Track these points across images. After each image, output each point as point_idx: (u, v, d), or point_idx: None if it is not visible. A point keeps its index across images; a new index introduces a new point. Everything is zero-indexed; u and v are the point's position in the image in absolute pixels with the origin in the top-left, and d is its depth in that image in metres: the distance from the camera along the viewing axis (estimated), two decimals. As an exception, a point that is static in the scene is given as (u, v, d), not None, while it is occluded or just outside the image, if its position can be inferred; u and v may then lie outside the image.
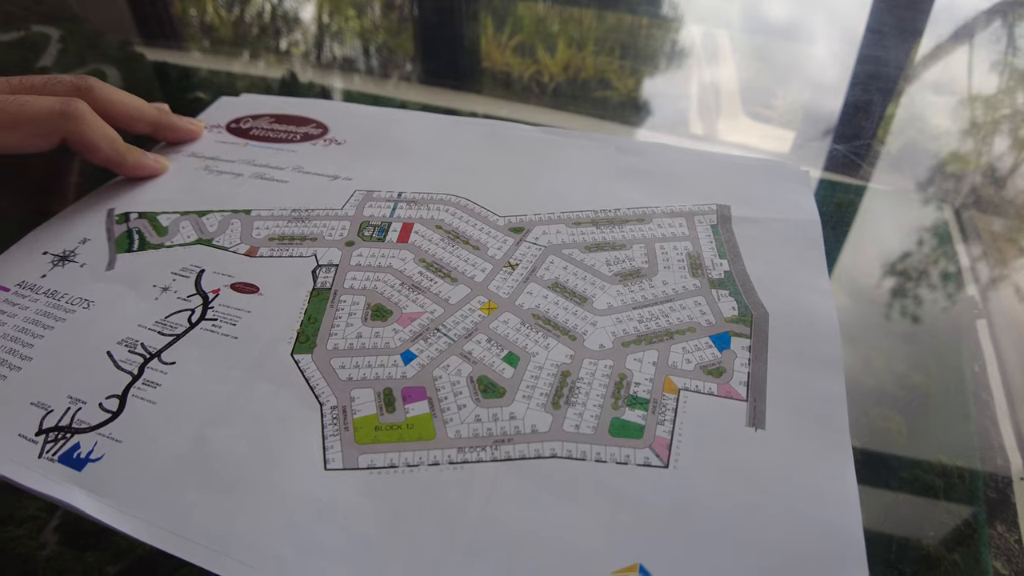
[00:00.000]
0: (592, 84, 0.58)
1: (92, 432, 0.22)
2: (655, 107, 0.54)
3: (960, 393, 0.28)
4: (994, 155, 0.47)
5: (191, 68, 0.68)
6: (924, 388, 0.28)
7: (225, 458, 0.21)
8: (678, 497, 0.20)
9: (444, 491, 0.20)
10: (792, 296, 0.26)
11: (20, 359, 0.25)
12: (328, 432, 0.22)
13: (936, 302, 0.33)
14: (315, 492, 0.20)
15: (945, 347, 0.31)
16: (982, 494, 0.24)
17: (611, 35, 0.68)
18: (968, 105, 0.54)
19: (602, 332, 0.25)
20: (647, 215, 0.30)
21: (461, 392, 0.23)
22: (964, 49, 0.63)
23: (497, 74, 0.61)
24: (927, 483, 0.25)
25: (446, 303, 0.26)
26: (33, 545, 0.23)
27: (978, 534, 0.23)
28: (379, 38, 0.67)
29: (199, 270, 0.28)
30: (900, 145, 0.48)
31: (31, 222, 0.33)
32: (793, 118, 0.52)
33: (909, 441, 0.26)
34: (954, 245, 0.36)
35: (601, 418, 0.22)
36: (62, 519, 0.23)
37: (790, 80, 0.59)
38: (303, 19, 0.75)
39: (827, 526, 0.19)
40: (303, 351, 0.25)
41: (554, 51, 0.64)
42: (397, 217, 0.30)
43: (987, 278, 0.35)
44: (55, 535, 0.24)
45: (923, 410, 0.27)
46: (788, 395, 0.23)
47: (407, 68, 0.62)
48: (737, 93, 0.56)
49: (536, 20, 0.73)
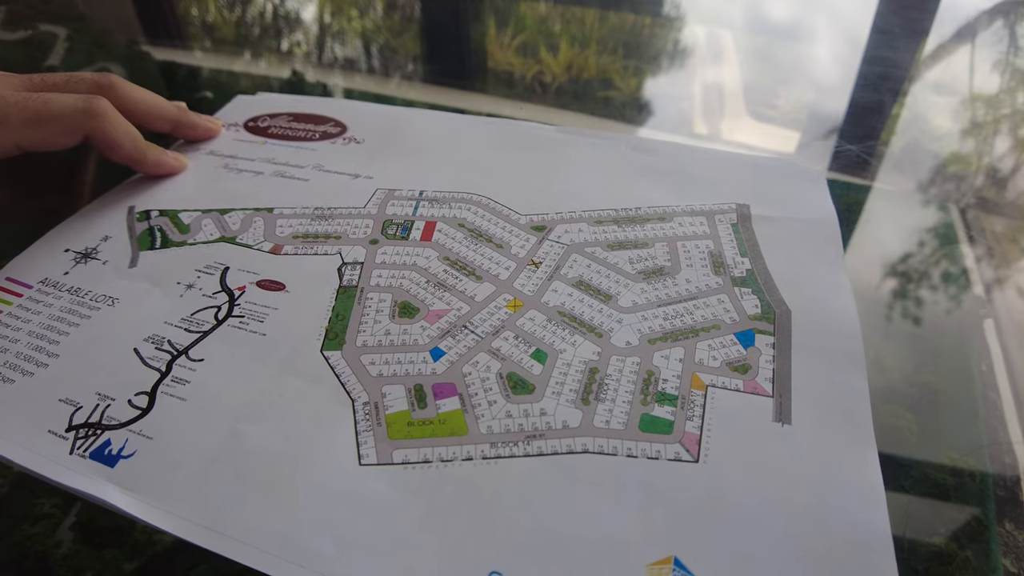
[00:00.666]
0: (595, 84, 0.58)
1: (123, 429, 0.22)
2: (658, 107, 0.54)
3: (969, 392, 0.28)
4: (999, 155, 0.48)
5: (197, 67, 0.68)
6: (933, 386, 0.28)
7: (259, 454, 0.21)
8: (709, 491, 0.20)
9: (478, 486, 0.20)
10: (813, 294, 0.27)
11: (47, 356, 0.25)
12: (361, 428, 0.22)
13: (944, 302, 0.33)
14: (350, 487, 0.20)
15: (953, 346, 0.31)
16: (992, 492, 0.25)
17: (614, 35, 0.69)
18: (972, 105, 0.54)
19: (628, 329, 0.25)
20: (667, 214, 0.30)
21: (491, 388, 0.23)
22: (968, 49, 0.63)
23: (500, 74, 0.61)
24: (938, 481, 0.25)
25: (472, 300, 0.26)
26: (49, 543, 0.23)
27: (988, 531, 0.23)
28: (383, 38, 0.67)
29: (224, 267, 0.28)
30: (905, 145, 0.48)
31: (43, 220, 0.33)
32: (797, 118, 0.53)
33: (919, 439, 0.26)
34: (960, 245, 0.37)
35: (631, 414, 0.22)
36: (77, 517, 0.23)
37: (793, 80, 0.59)
38: (308, 19, 0.75)
39: (854, 518, 0.20)
40: (332, 348, 0.25)
41: (556, 51, 0.64)
42: (419, 216, 0.30)
43: (993, 278, 0.35)
44: (70, 533, 0.24)
45: (933, 408, 0.27)
46: (812, 391, 0.23)
47: (412, 68, 0.62)
48: (740, 93, 0.56)
49: (538, 20, 0.73)
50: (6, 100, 0.30)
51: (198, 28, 0.76)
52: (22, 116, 0.30)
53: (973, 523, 0.24)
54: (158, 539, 0.23)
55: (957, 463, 0.26)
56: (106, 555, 0.22)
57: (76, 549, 0.23)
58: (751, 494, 0.20)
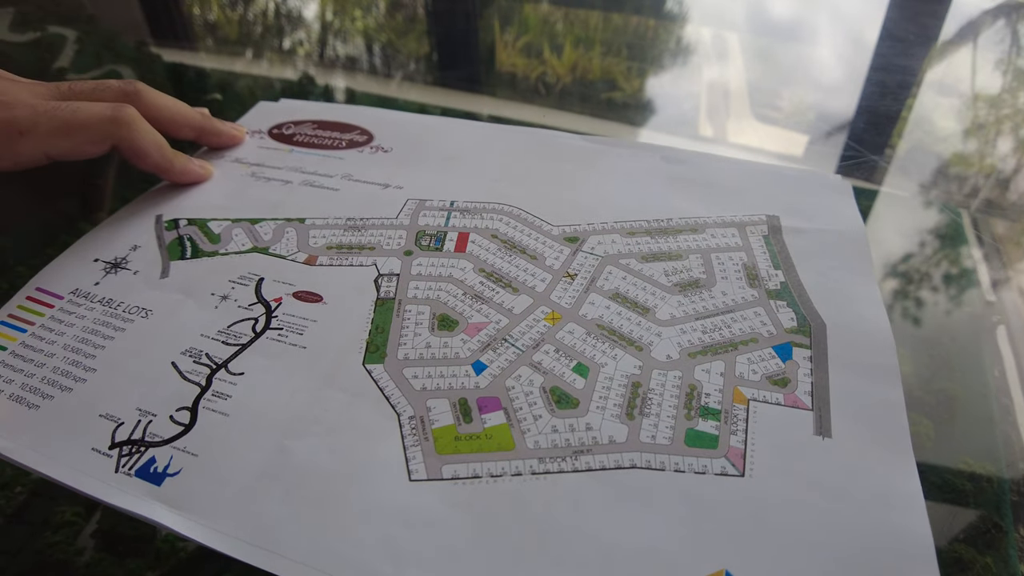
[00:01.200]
0: (599, 85, 0.58)
1: (166, 446, 0.22)
2: (663, 108, 0.54)
3: (984, 397, 0.29)
4: (1008, 159, 0.48)
5: (206, 69, 0.68)
6: (950, 393, 0.29)
7: (308, 470, 0.21)
8: (756, 504, 0.21)
9: (529, 501, 0.21)
10: (846, 307, 0.27)
11: (84, 371, 0.25)
12: (408, 442, 0.22)
13: (956, 308, 0.33)
14: (403, 503, 0.20)
15: (968, 353, 0.31)
16: (1008, 497, 0.25)
17: (618, 36, 0.69)
18: (979, 108, 0.55)
19: (668, 343, 0.25)
20: (699, 225, 0.30)
21: (535, 403, 0.23)
22: (976, 51, 0.64)
23: (503, 75, 0.61)
24: (956, 487, 0.25)
25: (510, 313, 0.27)
26: (71, 551, 0.23)
27: (1007, 537, 0.24)
28: (392, 40, 0.67)
29: (258, 278, 0.28)
30: (914, 149, 0.49)
31: (58, 225, 0.33)
32: (801, 121, 0.53)
33: (937, 445, 0.26)
34: (971, 250, 0.37)
35: (676, 429, 0.23)
36: (99, 524, 0.23)
37: (800, 83, 0.60)
38: (315, 21, 0.75)
39: (897, 529, 0.20)
40: (374, 361, 0.25)
41: (560, 52, 0.64)
42: (452, 226, 0.31)
43: (1004, 283, 0.35)
44: (92, 540, 0.24)
45: (950, 415, 0.28)
46: (850, 404, 0.23)
47: (421, 70, 0.62)
48: (745, 95, 0.56)
49: (542, 21, 0.73)
50: (35, 109, 0.29)
51: (205, 29, 0.76)
52: (51, 125, 0.29)
53: (992, 529, 0.24)
54: (181, 547, 0.23)
55: (974, 469, 0.26)
56: (129, 564, 0.22)
57: (99, 557, 0.22)
58: (796, 507, 0.20)
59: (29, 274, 0.32)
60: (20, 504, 0.24)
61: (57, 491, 0.23)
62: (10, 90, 0.30)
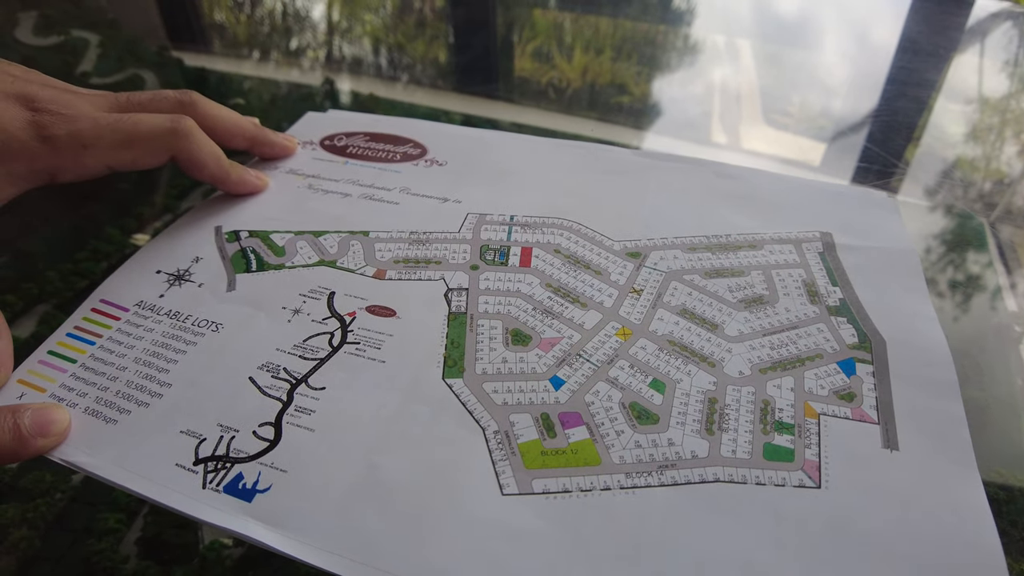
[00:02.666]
0: (609, 90, 0.59)
1: (253, 462, 0.23)
2: (673, 113, 0.55)
3: (1013, 407, 0.30)
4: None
5: (228, 74, 0.68)
6: (981, 402, 0.29)
7: (400, 484, 0.22)
8: (833, 515, 0.21)
9: (620, 515, 0.21)
10: (904, 324, 0.28)
11: (159, 385, 0.25)
12: (496, 457, 0.23)
13: (982, 317, 0.34)
14: (497, 517, 0.21)
15: (995, 362, 0.32)
16: None
17: (628, 41, 0.69)
18: (997, 115, 0.56)
19: (739, 359, 0.26)
20: (757, 241, 0.31)
21: (616, 418, 0.24)
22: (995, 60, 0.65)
23: (514, 79, 0.62)
24: (990, 495, 0.26)
25: (581, 328, 0.27)
26: (117, 559, 0.23)
27: None
28: (406, 45, 0.67)
29: (329, 292, 0.28)
30: (932, 158, 0.49)
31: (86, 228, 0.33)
32: (812, 126, 0.53)
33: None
34: (993, 258, 0.38)
35: (754, 443, 0.23)
36: (143, 531, 0.24)
37: (811, 88, 0.60)
38: (333, 25, 0.75)
39: (967, 539, 0.21)
40: (453, 375, 0.25)
41: (571, 56, 0.65)
42: (514, 241, 0.31)
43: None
44: (135, 548, 0.24)
45: (981, 424, 0.28)
46: (914, 417, 0.24)
47: (433, 75, 0.62)
48: (758, 100, 0.57)
49: (552, 25, 0.74)
50: (97, 123, 0.30)
51: (224, 34, 0.76)
52: (114, 139, 0.30)
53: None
54: (227, 555, 0.23)
55: (1007, 479, 0.27)
56: (175, 572, 0.23)
57: (144, 565, 0.23)
58: (871, 518, 0.21)
59: (59, 279, 0.32)
60: (61, 510, 0.24)
61: (97, 497, 0.24)
62: (73, 103, 0.30)
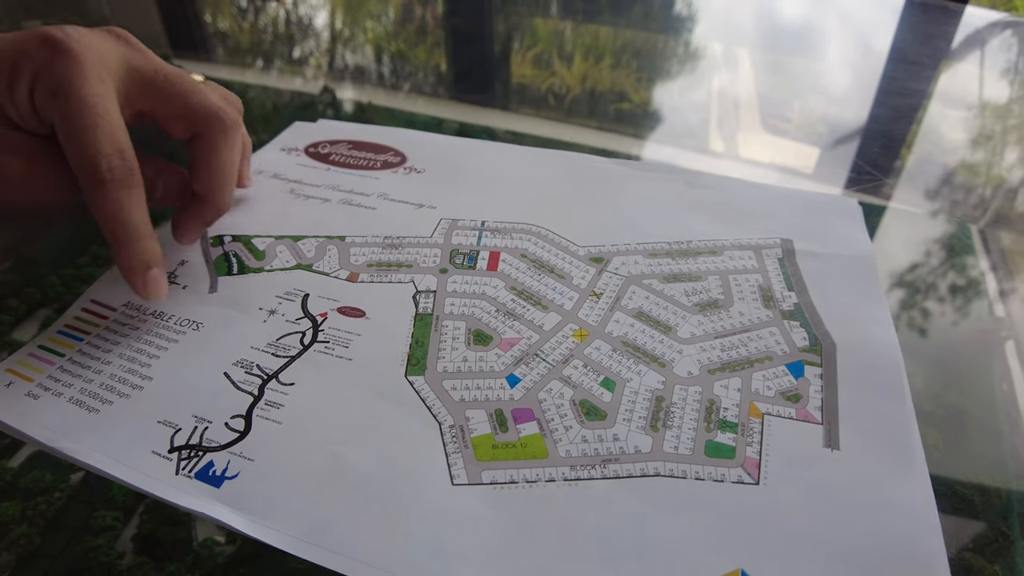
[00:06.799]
0: (609, 96, 0.60)
1: (223, 451, 0.24)
2: (672, 119, 0.56)
3: (992, 411, 0.30)
4: (1017, 172, 0.50)
5: (230, 82, 0.70)
6: (960, 406, 0.30)
7: (359, 475, 0.23)
8: (770, 511, 0.22)
9: (562, 505, 0.22)
10: (856, 328, 0.29)
11: (140, 379, 0.27)
12: (450, 449, 0.24)
13: (965, 322, 0.35)
14: (447, 505, 0.22)
15: (977, 367, 0.33)
16: (1016, 508, 0.26)
17: (627, 49, 0.70)
18: (987, 122, 0.56)
19: (689, 360, 0.27)
20: (718, 247, 0.32)
21: (566, 414, 0.25)
22: (985, 66, 0.65)
23: (513, 85, 0.62)
24: (965, 497, 0.26)
25: (540, 329, 0.28)
26: (112, 555, 0.24)
27: (1015, 546, 0.25)
28: (407, 52, 0.69)
29: (304, 294, 0.30)
30: (923, 164, 0.50)
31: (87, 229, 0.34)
32: (811, 133, 0.54)
33: (946, 457, 0.28)
34: (980, 264, 0.38)
35: (696, 440, 0.24)
36: (138, 528, 0.24)
37: (809, 96, 0.61)
38: (339, 36, 0.76)
39: (908, 537, 0.21)
40: (415, 373, 0.26)
41: (571, 62, 0.66)
42: (483, 246, 0.32)
43: (1012, 297, 0.37)
44: (131, 544, 0.25)
45: (960, 428, 0.29)
46: (858, 418, 0.25)
47: (434, 82, 0.64)
48: (756, 107, 0.58)
49: (553, 32, 0.75)
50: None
51: (226, 43, 0.77)
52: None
53: (999, 539, 0.25)
54: (219, 552, 0.24)
55: (983, 480, 0.27)
56: (169, 567, 0.23)
57: (139, 561, 0.23)
58: (807, 514, 0.22)
59: (60, 284, 0.33)
60: (60, 508, 0.25)
61: (95, 495, 0.25)
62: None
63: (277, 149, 0.40)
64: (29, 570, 0.23)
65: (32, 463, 0.26)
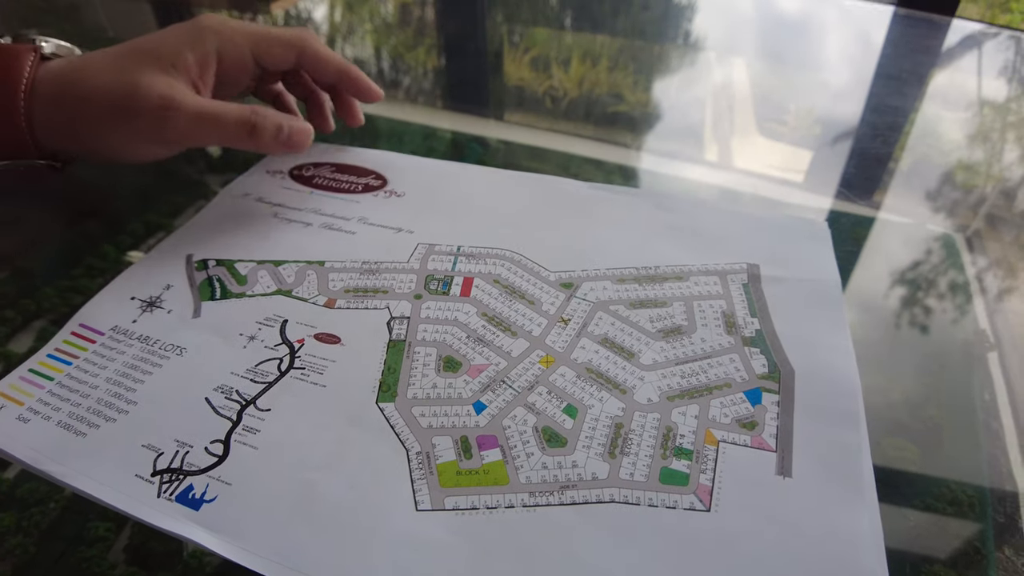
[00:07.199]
0: (605, 99, 0.60)
1: (203, 475, 0.25)
2: (669, 122, 0.56)
3: (971, 424, 0.31)
4: (1004, 183, 0.50)
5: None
6: (938, 420, 0.31)
7: (329, 500, 0.24)
8: (720, 537, 0.23)
9: (521, 531, 0.23)
10: (816, 355, 0.29)
11: (126, 403, 0.28)
12: (416, 476, 0.25)
13: (949, 335, 0.35)
14: (410, 530, 0.23)
15: (958, 380, 0.33)
16: (991, 520, 0.27)
17: (624, 52, 0.71)
18: (977, 133, 0.57)
19: (649, 387, 0.28)
20: (684, 273, 0.33)
21: (528, 441, 0.26)
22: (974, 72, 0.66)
23: (511, 88, 0.63)
24: (938, 509, 0.27)
25: (508, 356, 0.29)
26: (105, 565, 0.25)
27: (987, 558, 0.26)
28: (406, 55, 0.69)
29: (283, 320, 0.31)
30: (911, 173, 0.50)
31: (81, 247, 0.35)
32: (807, 135, 0.55)
33: (923, 471, 0.28)
34: (965, 276, 0.39)
35: (652, 467, 0.25)
36: (130, 539, 0.25)
37: (804, 99, 0.62)
38: (333, 43, 0.77)
39: (852, 566, 0.22)
40: (386, 400, 0.28)
41: (568, 65, 0.66)
42: (458, 271, 0.33)
43: (997, 309, 0.37)
44: (123, 555, 0.25)
45: (937, 442, 0.30)
46: (812, 447, 0.26)
47: (435, 94, 0.64)
48: (751, 111, 0.58)
49: (550, 35, 0.75)
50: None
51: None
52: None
53: (971, 550, 0.26)
54: (208, 562, 0.25)
55: (957, 494, 0.28)
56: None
57: (131, 572, 0.24)
58: (756, 540, 0.23)
59: (56, 295, 0.34)
60: (54, 519, 0.26)
61: (89, 507, 0.25)
62: None
63: (263, 171, 0.41)
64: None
65: (27, 475, 0.27)
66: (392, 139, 0.46)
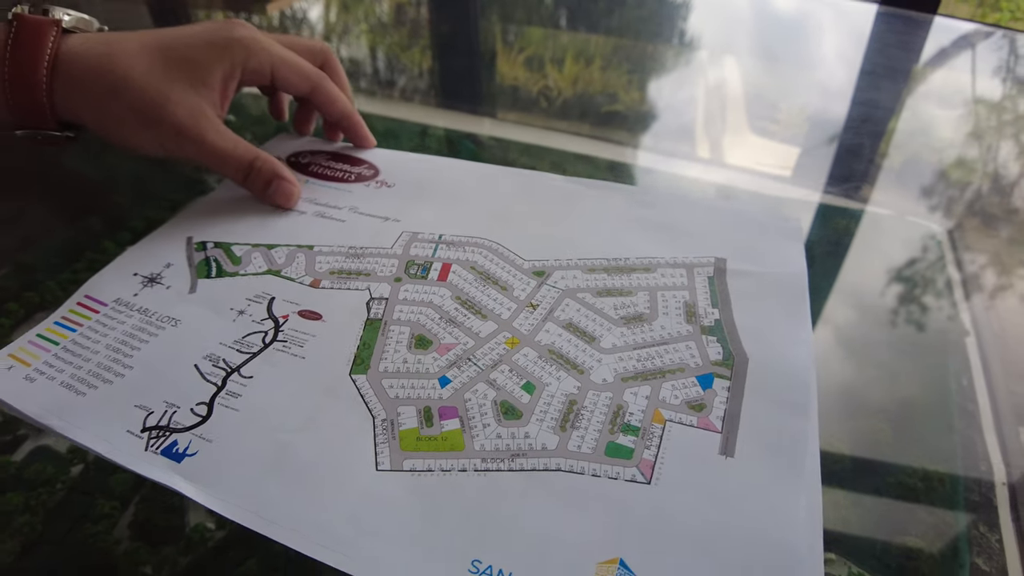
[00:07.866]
0: (599, 99, 0.61)
1: (187, 432, 0.28)
2: (662, 120, 0.58)
3: (946, 406, 0.32)
4: (988, 178, 0.51)
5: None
6: (912, 401, 0.32)
7: (301, 460, 0.26)
8: (657, 509, 0.25)
9: (471, 493, 0.25)
10: (773, 345, 0.31)
11: (123, 367, 0.30)
12: (379, 440, 0.27)
13: (928, 322, 0.36)
14: (370, 488, 0.25)
15: (934, 364, 0.34)
16: (962, 497, 0.28)
17: (618, 52, 0.72)
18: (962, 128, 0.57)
19: (606, 368, 0.30)
20: (652, 265, 0.35)
21: (486, 413, 0.28)
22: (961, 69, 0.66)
23: (505, 87, 0.64)
24: (910, 486, 0.28)
25: (477, 336, 0.31)
26: (110, 540, 0.26)
27: (956, 532, 0.27)
28: (401, 58, 0.71)
29: (270, 297, 0.33)
30: (897, 167, 0.51)
31: (83, 243, 0.38)
32: (798, 133, 0.56)
33: (897, 450, 0.30)
34: (946, 265, 0.40)
35: (599, 441, 0.27)
36: (135, 516, 0.27)
37: (794, 98, 0.63)
38: (328, 41, 0.78)
39: (787, 545, 0.24)
40: (359, 372, 0.30)
41: (562, 65, 0.67)
42: (438, 257, 0.36)
43: (975, 297, 0.38)
44: (128, 531, 0.27)
45: (912, 423, 0.31)
46: (758, 430, 0.27)
47: (428, 92, 0.66)
48: (743, 108, 0.60)
49: (545, 35, 0.76)
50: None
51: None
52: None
53: (942, 525, 0.27)
54: (209, 536, 0.26)
55: (928, 469, 0.29)
56: (163, 551, 0.26)
57: (136, 546, 0.26)
58: (693, 515, 0.25)
59: (58, 288, 0.36)
60: (61, 499, 0.27)
61: (95, 486, 0.27)
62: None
63: None
64: (32, 556, 0.26)
65: (34, 456, 0.29)
66: (388, 137, 0.48)
